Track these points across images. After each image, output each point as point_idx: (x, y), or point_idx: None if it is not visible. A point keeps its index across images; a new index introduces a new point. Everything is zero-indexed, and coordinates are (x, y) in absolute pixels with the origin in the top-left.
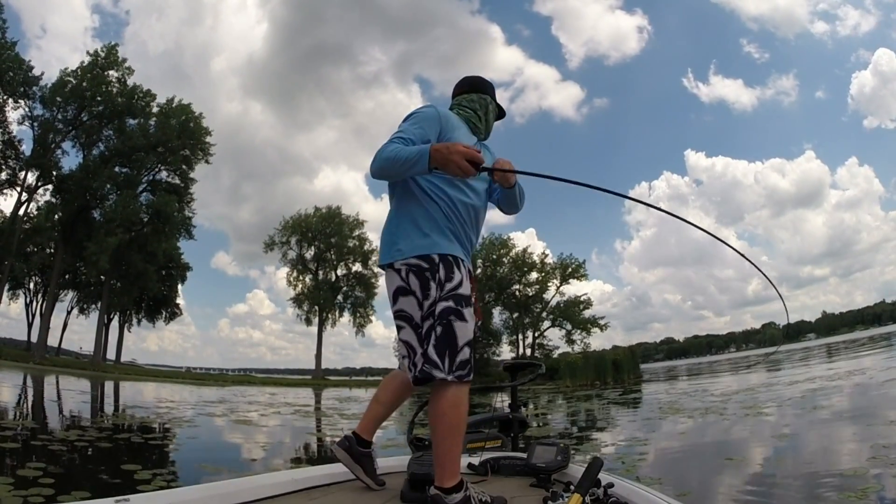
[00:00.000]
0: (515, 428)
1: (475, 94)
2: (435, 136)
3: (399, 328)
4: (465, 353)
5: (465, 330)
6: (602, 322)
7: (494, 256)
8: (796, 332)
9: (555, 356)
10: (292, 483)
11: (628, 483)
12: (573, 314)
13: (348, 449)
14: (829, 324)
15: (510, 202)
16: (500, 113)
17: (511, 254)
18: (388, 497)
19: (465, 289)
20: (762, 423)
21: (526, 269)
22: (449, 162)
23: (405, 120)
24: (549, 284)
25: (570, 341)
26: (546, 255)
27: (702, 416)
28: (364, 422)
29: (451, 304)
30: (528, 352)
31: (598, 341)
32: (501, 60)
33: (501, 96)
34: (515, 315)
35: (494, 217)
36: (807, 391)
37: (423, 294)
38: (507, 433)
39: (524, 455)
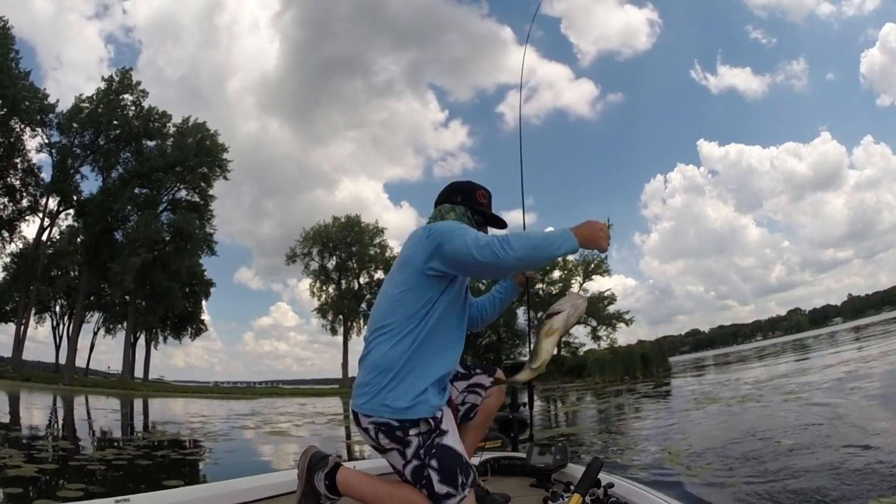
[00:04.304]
0: (515, 428)
1: (447, 203)
2: None
3: None
4: (465, 458)
5: (454, 439)
6: (627, 317)
7: None
8: (822, 316)
9: (581, 353)
10: (292, 483)
11: (628, 483)
12: (598, 310)
13: None
14: (856, 306)
15: (503, 305)
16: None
17: None
18: None
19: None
20: (803, 408)
21: (548, 267)
22: (594, 241)
23: (452, 231)
24: (572, 282)
25: (596, 338)
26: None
27: (739, 403)
28: None
29: (422, 428)
30: (555, 350)
31: (623, 336)
32: (515, 62)
33: (517, 98)
34: (539, 314)
35: (515, 219)
36: (843, 374)
37: (402, 446)
38: (507, 433)
39: (524, 455)
